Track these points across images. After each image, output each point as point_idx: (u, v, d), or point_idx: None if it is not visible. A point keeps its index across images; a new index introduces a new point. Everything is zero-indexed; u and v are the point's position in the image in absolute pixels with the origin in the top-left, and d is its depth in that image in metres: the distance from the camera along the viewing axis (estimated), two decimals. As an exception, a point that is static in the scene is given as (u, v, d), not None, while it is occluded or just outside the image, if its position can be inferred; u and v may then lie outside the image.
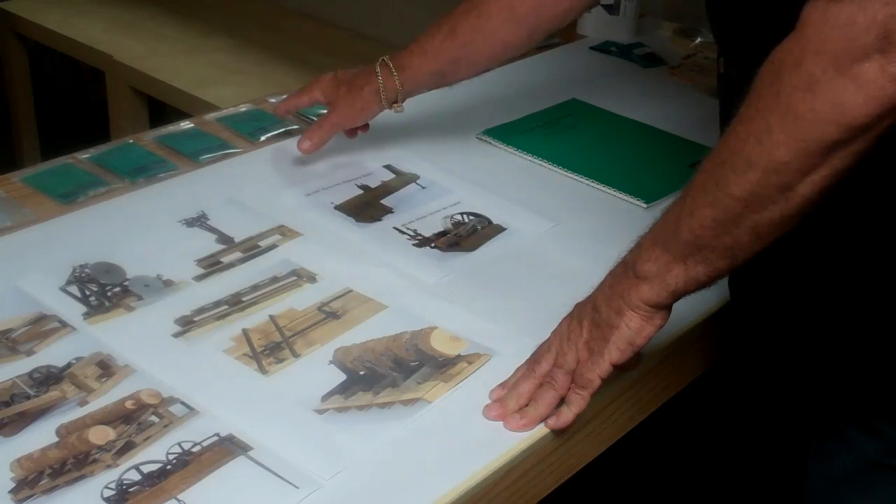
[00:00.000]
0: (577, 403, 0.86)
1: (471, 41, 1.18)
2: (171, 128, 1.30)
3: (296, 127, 1.32)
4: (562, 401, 0.87)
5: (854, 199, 0.82)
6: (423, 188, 1.21)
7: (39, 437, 0.81)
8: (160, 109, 2.22)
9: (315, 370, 0.90)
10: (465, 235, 1.12)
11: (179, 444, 0.81)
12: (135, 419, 0.83)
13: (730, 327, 1.05)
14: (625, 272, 0.85)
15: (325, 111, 1.23)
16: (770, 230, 0.76)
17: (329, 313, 0.98)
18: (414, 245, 1.10)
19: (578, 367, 0.86)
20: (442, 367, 0.91)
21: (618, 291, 0.84)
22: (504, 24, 1.18)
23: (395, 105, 1.22)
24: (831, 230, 0.86)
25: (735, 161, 0.75)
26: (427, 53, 1.19)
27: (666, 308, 0.84)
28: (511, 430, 0.86)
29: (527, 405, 0.87)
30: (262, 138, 1.29)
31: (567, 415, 0.86)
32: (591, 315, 0.87)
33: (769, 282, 0.94)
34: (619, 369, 0.87)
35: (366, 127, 1.27)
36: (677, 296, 0.83)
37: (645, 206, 1.19)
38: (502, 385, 0.89)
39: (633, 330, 0.84)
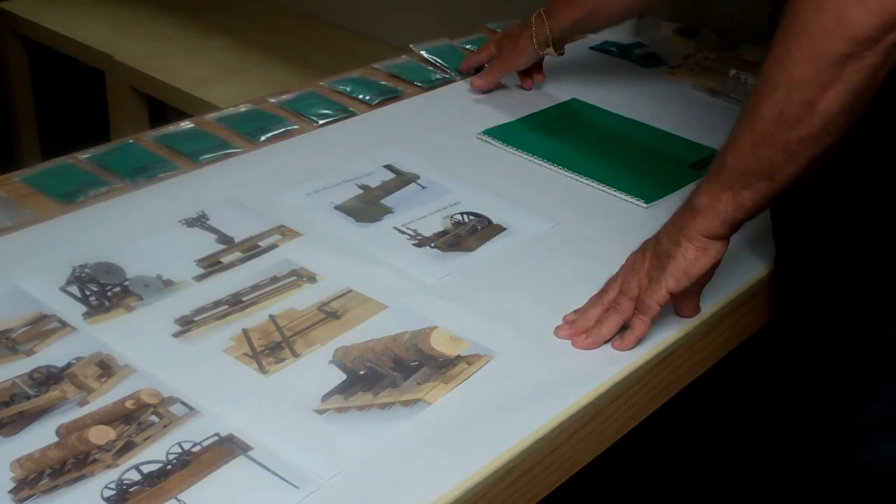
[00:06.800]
0: (638, 327, 0.95)
1: None
2: (171, 128, 1.30)
3: (295, 127, 1.32)
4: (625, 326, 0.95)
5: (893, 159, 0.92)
6: (423, 188, 1.21)
7: (39, 437, 0.81)
8: (160, 109, 2.22)
9: (315, 370, 0.90)
10: (465, 235, 1.12)
11: (179, 444, 0.81)
12: (135, 419, 0.83)
13: (778, 291, 1.12)
14: (684, 207, 0.94)
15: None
16: (801, 148, 0.84)
17: (329, 313, 0.98)
18: (414, 245, 1.10)
19: (640, 294, 0.95)
20: (442, 367, 0.91)
21: (678, 225, 0.94)
22: None
23: (548, 49, 1.39)
24: (873, 187, 0.95)
25: (764, 85, 0.85)
26: (571, 3, 1.37)
27: (720, 239, 0.93)
28: (578, 348, 0.95)
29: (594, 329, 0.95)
30: (262, 138, 1.29)
31: (630, 338, 0.95)
32: (653, 247, 0.96)
33: (813, 238, 1.03)
34: (681, 315, 0.99)
35: (541, 76, 1.47)
36: (729, 224, 0.91)
37: (645, 206, 1.19)
38: (574, 311, 0.98)
39: (688, 260, 0.93)
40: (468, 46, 1.60)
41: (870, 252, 0.98)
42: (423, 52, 1.55)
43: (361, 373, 0.90)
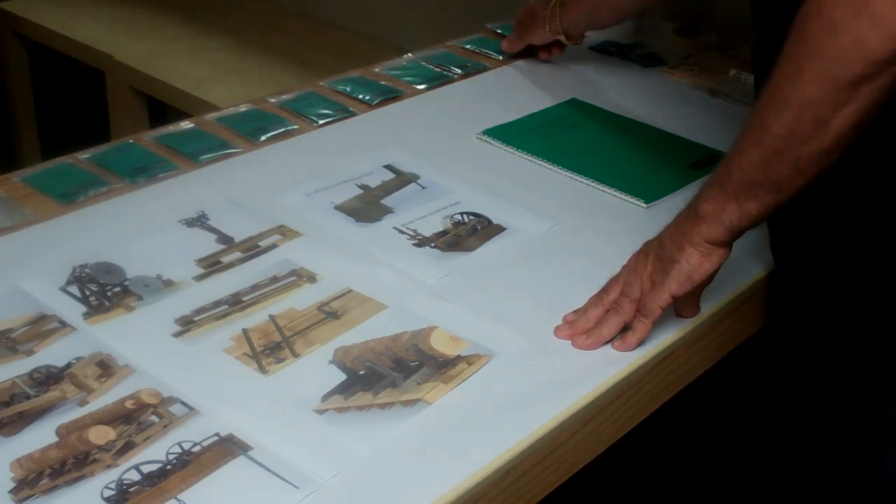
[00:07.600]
0: (640, 330, 0.95)
1: None
2: (171, 128, 1.30)
3: (295, 127, 1.32)
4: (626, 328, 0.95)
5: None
6: (423, 188, 1.21)
7: (39, 437, 0.81)
8: (160, 109, 2.22)
9: (315, 370, 0.90)
10: (465, 235, 1.12)
11: (179, 444, 0.81)
12: (135, 419, 0.83)
13: (775, 296, 1.12)
14: (688, 212, 0.94)
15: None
16: (811, 164, 0.84)
17: (329, 313, 0.98)
18: (414, 245, 1.10)
19: (642, 297, 0.95)
20: (442, 367, 0.91)
21: (682, 229, 0.93)
22: None
23: (561, 35, 1.46)
24: (875, 198, 0.95)
25: (774, 102, 0.84)
26: None
27: (724, 245, 0.93)
28: (578, 349, 0.95)
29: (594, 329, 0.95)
30: (262, 138, 1.29)
31: (631, 339, 0.95)
32: (656, 250, 0.96)
33: (813, 250, 1.03)
34: (680, 315, 0.99)
35: (559, 50, 1.53)
36: (733, 232, 0.92)
37: (645, 206, 1.19)
38: (574, 311, 0.98)
39: (691, 265, 0.93)
40: (467, 46, 1.60)
41: (869, 252, 0.98)
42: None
43: (361, 373, 0.90)
